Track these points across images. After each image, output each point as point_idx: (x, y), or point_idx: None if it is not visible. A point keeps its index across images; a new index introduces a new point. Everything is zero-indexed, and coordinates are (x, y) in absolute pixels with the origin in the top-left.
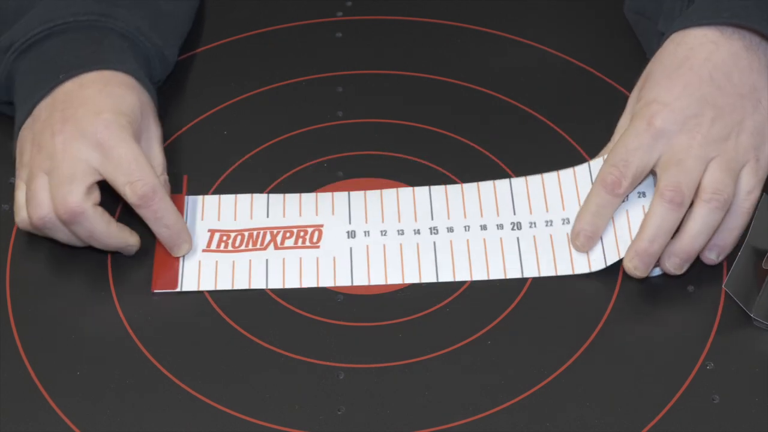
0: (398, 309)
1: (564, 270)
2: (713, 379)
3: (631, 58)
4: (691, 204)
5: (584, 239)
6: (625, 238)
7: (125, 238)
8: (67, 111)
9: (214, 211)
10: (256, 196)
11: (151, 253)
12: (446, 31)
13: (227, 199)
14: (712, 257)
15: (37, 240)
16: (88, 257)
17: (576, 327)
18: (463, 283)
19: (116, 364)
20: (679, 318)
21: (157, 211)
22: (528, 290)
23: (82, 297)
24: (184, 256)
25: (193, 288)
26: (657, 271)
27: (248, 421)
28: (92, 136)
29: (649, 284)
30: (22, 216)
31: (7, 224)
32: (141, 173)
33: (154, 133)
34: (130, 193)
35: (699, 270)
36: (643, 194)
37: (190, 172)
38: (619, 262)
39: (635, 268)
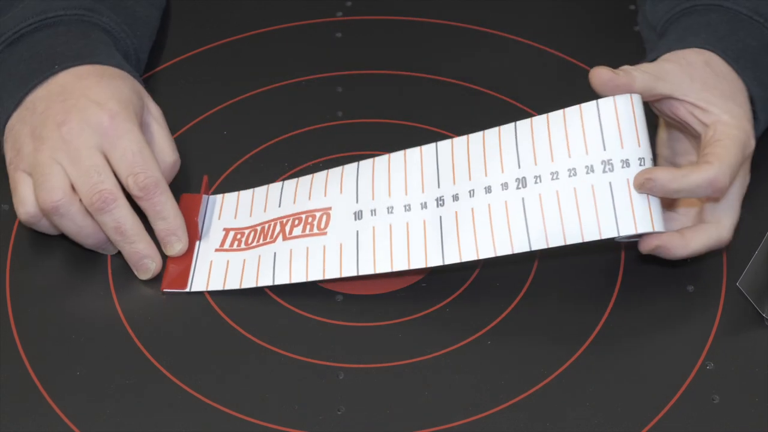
0: (398, 309)
1: (573, 237)
2: (713, 379)
3: (630, 58)
4: None
5: None
6: (624, 212)
7: (148, 239)
8: (68, 101)
9: (232, 209)
10: (271, 186)
11: None
12: (446, 31)
13: (245, 194)
14: None
15: (38, 240)
16: (88, 257)
17: (576, 327)
18: (463, 283)
19: (116, 364)
20: (679, 318)
21: (157, 205)
22: (528, 290)
23: (82, 297)
24: (197, 257)
25: (202, 288)
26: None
27: (248, 421)
28: (98, 126)
29: (649, 284)
30: (26, 209)
31: (7, 224)
32: (144, 165)
33: (156, 117)
34: (132, 184)
35: (699, 270)
36: (627, 162)
37: (190, 172)
38: (615, 244)
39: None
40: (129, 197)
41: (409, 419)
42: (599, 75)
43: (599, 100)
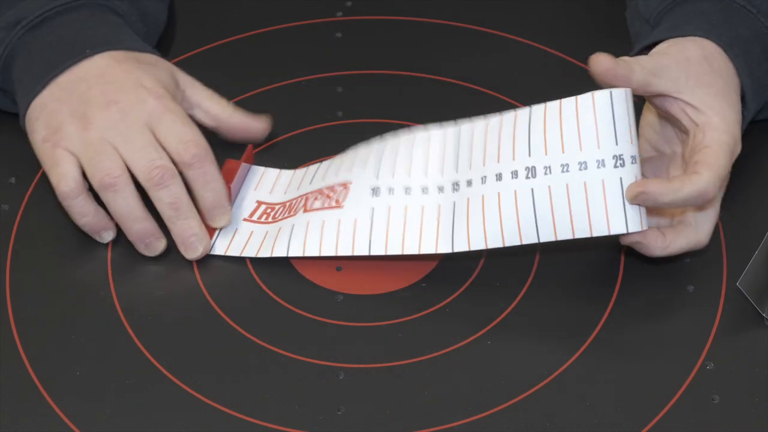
0: (398, 309)
1: (581, 231)
2: (713, 379)
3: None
4: None
5: None
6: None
7: (197, 217)
8: (112, 84)
9: (270, 184)
10: (311, 166)
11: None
12: (446, 31)
13: (287, 173)
14: None
15: (38, 240)
16: (88, 257)
17: (576, 327)
18: (462, 283)
19: (116, 364)
20: (679, 318)
21: (207, 174)
22: (528, 290)
23: (82, 297)
24: None
25: (221, 253)
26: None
27: (248, 420)
28: (144, 106)
29: (649, 284)
30: (68, 182)
31: (7, 224)
32: (194, 135)
33: (199, 89)
34: (184, 152)
35: (699, 270)
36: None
37: None
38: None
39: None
40: None
41: (409, 419)
42: (600, 62)
43: (612, 90)
